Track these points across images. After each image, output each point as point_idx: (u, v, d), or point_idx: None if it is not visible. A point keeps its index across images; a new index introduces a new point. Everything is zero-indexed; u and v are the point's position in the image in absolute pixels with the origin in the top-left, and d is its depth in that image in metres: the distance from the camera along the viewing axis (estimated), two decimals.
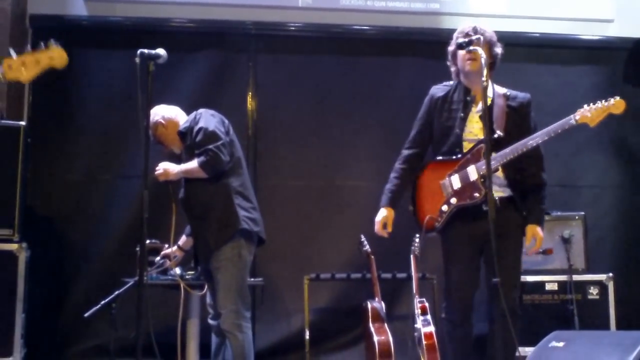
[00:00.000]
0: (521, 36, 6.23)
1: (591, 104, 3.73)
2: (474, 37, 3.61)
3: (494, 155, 3.64)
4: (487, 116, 3.46)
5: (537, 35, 6.28)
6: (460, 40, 3.69)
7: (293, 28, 6.08)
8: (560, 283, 5.26)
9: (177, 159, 4.39)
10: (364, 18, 6.11)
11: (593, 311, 5.22)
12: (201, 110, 4.33)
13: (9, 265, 4.61)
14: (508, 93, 3.90)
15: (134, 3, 5.92)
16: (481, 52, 3.47)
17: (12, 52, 3.15)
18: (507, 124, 3.77)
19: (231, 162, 4.20)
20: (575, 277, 5.24)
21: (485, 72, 3.40)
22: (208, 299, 4.44)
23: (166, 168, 4.25)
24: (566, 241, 5.31)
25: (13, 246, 4.64)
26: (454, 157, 3.81)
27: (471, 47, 3.57)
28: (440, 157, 3.89)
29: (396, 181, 3.97)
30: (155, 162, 4.36)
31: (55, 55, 3.14)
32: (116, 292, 4.50)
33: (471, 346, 3.89)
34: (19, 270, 4.63)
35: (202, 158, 4.09)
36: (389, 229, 3.94)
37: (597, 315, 5.21)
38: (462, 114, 3.82)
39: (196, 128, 4.19)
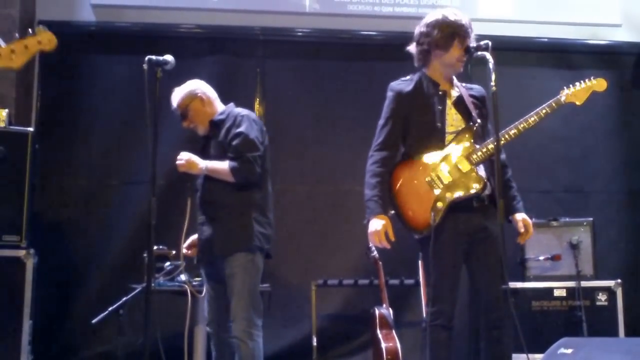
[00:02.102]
0: (529, 41, 6.25)
1: (572, 85, 3.79)
2: (482, 43, 3.52)
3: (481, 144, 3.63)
4: (496, 117, 3.37)
5: (546, 40, 6.28)
6: (471, 45, 3.62)
7: (300, 34, 6.09)
8: (568, 289, 5.23)
9: (192, 148, 4.25)
10: (371, 23, 6.12)
11: (601, 317, 5.18)
12: (244, 112, 4.22)
13: (16, 272, 4.60)
14: (464, 84, 3.84)
15: (141, 9, 5.94)
16: (489, 57, 3.40)
17: (0, 41, 3.16)
18: (476, 113, 3.72)
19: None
20: (584, 284, 5.21)
21: (493, 76, 3.35)
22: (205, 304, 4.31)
23: (191, 160, 4.06)
24: (574, 247, 5.29)
25: (20, 252, 4.63)
26: (434, 151, 3.66)
27: (479, 53, 3.51)
28: (417, 154, 3.70)
29: (381, 186, 3.66)
30: (163, 167, 4.36)
31: (43, 39, 3.09)
32: (124, 299, 4.51)
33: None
34: (27, 276, 4.62)
35: (235, 163, 4.01)
36: (392, 238, 3.63)
37: (605, 322, 5.17)
38: (439, 107, 3.68)
39: (235, 130, 4.09)
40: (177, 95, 4.25)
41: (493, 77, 3.35)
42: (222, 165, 4.04)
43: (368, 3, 6.07)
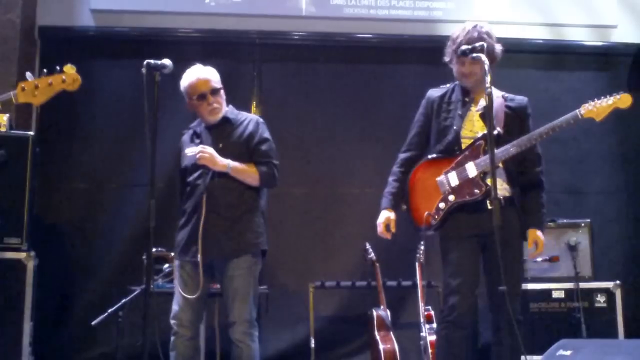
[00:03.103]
0: (525, 43, 6.26)
1: (596, 99, 3.73)
2: (477, 45, 3.58)
3: (495, 150, 3.65)
4: (491, 117, 3.43)
5: (541, 41, 6.29)
6: (464, 47, 3.66)
7: (297, 37, 6.11)
8: (567, 291, 5.24)
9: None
10: (367, 26, 6.13)
11: (600, 319, 5.19)
12: (260, 119, 4.26)
13: (17, 274, 4.65)
14: (506, 95, 3.92)
15: (140, 14, 5.97)
16: (484, 59, 3.46)
17: (28, 75, 3.24)
18: (506, 123, 3.77)
19: None
20: (582, 285, 5.21)
21: (488, 78, 3.40)
22: (176, 307, 4.07)
23: (214, 155, 3.96)
24: (572, 248, 5.30)
25: (21, 255, 4.67)
26: (450, 154, 3.79)
27: (474, 55, 3.56)
28: (435, 155, 3.87)
29: (396, 184, 3.94)
30: (162, 170, 4.39)
31: (68, 79, 3.23)
32: (123, 300, 4.53)
33: (469, 350, 3.84)
34: (27, 278, 4.66)
35: (265, 168, 4.06)
36: (393, 230, 3.88)
37: (604, 323, 5.18)
38: (459, 112, 3.81)
39: (262, 135, 4.14)
40: (211, 73, 4.17)
41: (488, 78, 3.40)
42: (249, 167, 4.05)
43: (364, 6, 6.08)
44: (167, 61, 3.65)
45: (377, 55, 6.02)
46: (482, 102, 3.80)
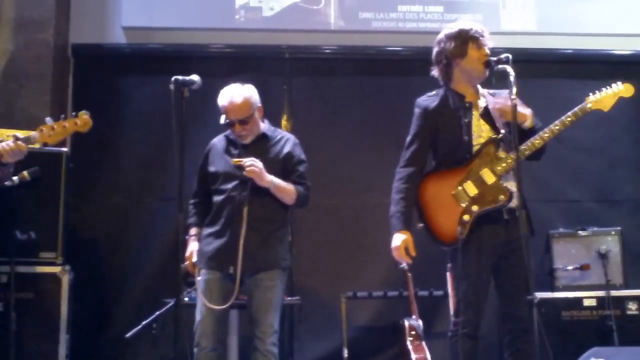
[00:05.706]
0: (554, 53, 6.27)
1: (600, 90, 3.81)
2: (502, 57, 3.56)
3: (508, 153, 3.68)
4: (515, 129, 3.41)
5: (570, 51, 6.28)
6: (491, 59, 3.66)
7: (327, 51, 6.16)
8: (598, 299, 5.21)
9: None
10: (396, 39, 6.17)
11: (632, 326, 5.15)
12: (296, 140, 4.32)
13: (53, 288, 4.73)
14: (491, 91, 3.89)
15: (171, 30, 6.06)
16: (510, 70, 3.45)
17: (48, 120, 3.65)
18: (502, 122, 3.75)
19: None
20: (613, 293, 5.19)
21: (514, 89, 3.39)
22: (199, 317, 4.11)
23: (263, 170, 4.00)
24: (603, 256, 5.28)
25: (57, 269, 4.75)
26: (460, 164, 3.72)
27: (500, 67, 3.55)
28: (445, 167, 3.79)
29: (405, 202, 3.76)
30: (192, 185, 4.44)
31: (80, 122, 3.66)
32: (157, 313, 4.58)
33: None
34: (63, 292, 4.74)
35: (302, 189, 4.14)
36: (413, 253, 3.74)
37: (636, 331, 5.13)
38: (466, 120, 3.74)
39: (300, 157, 4.23)
40: (246, 100, 4.13)
41: (514, 90, 3.40)
42: (289, 186, 4.10)
43: (392, 19, 6.13)
44: (195, 77, 3.68)
45: (406, 68, 6.01)
46: (481, 104, 3.81)
